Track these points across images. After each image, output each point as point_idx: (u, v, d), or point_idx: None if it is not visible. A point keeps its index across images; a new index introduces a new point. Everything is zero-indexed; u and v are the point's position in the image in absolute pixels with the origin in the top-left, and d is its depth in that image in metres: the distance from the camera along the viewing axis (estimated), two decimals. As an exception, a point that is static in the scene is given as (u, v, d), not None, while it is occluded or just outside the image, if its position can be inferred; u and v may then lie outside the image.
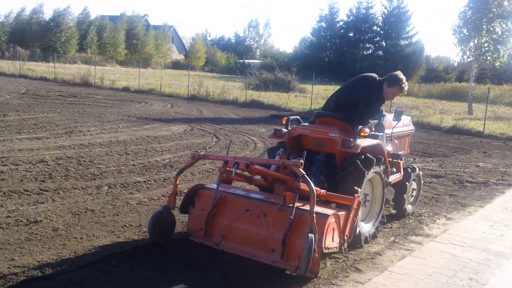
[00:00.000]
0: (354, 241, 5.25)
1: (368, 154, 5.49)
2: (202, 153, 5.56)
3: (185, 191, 7.15)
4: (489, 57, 25.84)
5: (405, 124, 7.18)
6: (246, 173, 5.16)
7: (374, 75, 6.18)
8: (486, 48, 25.41)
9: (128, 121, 14.67)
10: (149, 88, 28.05)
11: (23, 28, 58.20)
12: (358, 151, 5.32)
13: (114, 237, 5.23)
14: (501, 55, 25.81)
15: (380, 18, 65.08)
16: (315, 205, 4.39)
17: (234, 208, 5.07)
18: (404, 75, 6.10)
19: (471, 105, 25.04)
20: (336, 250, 4.74)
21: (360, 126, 5.46)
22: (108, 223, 5.66)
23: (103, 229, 5.46)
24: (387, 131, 6.42)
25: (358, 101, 5.78)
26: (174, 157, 9.79)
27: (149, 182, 7.66)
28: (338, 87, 6.78)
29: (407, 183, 6.69)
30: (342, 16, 67.96)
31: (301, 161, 4.60)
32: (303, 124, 6.07)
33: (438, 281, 4.66)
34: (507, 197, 8.44)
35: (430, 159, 11.75)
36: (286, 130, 5.92)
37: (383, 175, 5.84)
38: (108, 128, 12.97)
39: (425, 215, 6.96)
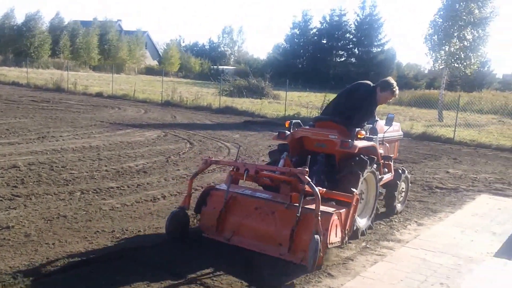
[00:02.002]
0: (353, 235, 5.72)
1: (363, 155, 6.00)
2: (213, 158, 5.93)
3: (159, 196, 7.23)
4: (460, 65, 26.16)
5: (395, 130, 7.70)
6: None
7: (368, 82, 6.78)
8: (457, 56, 25.77)
9: (101, 127, 14.50)
10: (123, 93, 27.75)
11: (-6, 32, 56.94)
12: (356, 151, 5.85)
13: (87, 243, 5.17)
14: (472, 62, 26.07)
15: (353, 25, 65.99)
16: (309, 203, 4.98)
17: (243, 207, 5.50)
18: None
19: (441, 112, 25.28)
20: (338, 244, 5.19)
21: (357, 129, 6.02)
22: (81, 229, 5.59)
23: (75, 235, 5.39)
24: (379, 135, 6.90)
25: (355, 106, 6.36)
26: (147, 162, 9.71)
27: (122, 188, 7.59)
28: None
29: (398, 182, 7.23)
30: (316, 23, 68.72)
31: (306, 169, 5.00)
32: (304, 127, 6.57)
33: (409, 286, 4.71)
34: (477, 203, 8.52)
35: (400, 166, 11.88)
36: (289, 133, 6.41)
37: (377, 174, 6.33)
38: (81, 134, 12.81)
39: (396, 220, 7.03)
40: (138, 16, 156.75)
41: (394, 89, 6.53)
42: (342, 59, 67.84)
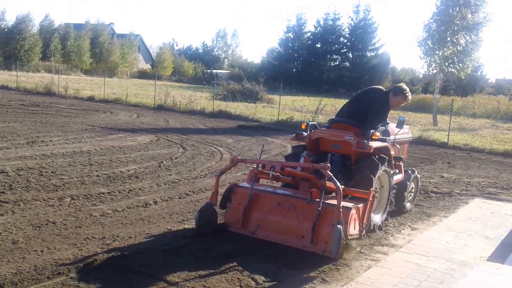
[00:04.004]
0: (368, 229, 6.14)
1: (377, 155, 6.41)
2: (240, 157, 6.35)
3: (151, 202, 7.16)
4: (453, 69, 26.38)
5: (405, 132, 8.04)
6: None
7: (380, 87, 7.33)
8: (451, 60, 25.95)
9: (93, 131, 14.37)
10: (115, 97, 27.58)
11: (-16, 35, 56.20)
12: (371, 151, 6.26)
13: (76, 250, 5.08)
14: (466, 66, 26.39)
15: (347, 29, 66.04)
16: (328, 198, 5.54)
17: (267, 203, 5.91)
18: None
19: (435, 117, 25.50)
20: (357, 237, 5.63)
21: (372, 130, 6.43)
22: (70, 236, 5.51)
23: (64, 241, 5.31)
24: (391, 137, 7.24)
25: (368, 109, 6.76)
26: (139, 167, 9.62)
27: (113, 193, 7.50)
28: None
29: (407, 183, 7.61)
30: (310, 27, 68.72)
31: (328, 164, 5.40)
32: (320, 128, 6.97)
33: (403, 291, 4.69)
34: (470, 207, 8.56)
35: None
36: (306, 134, 6.80)
37: (389, 173, 6.74)
38: (71, 138, 12.66)
39: (390, 225, 7.01)
40: (131, 19, 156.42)
41: (407, 94, 6.92)
42: (336, 63, 67.93)
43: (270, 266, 5.05)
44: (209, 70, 69.54)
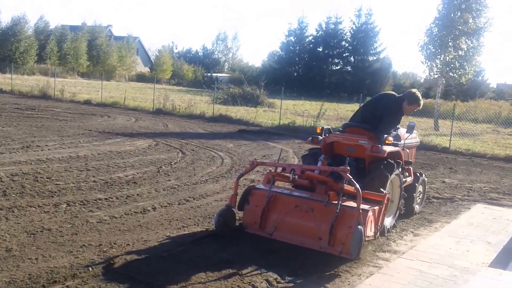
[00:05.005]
0: (381, 232, 6.25)
1: (390, 159, 6.62)
2: (259, 160, 6.66)
3: (149, 208, 7.07)
4: (455, 74, 26.42)
5: (413, 137, 8.18)
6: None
7: (393, 92, 7.59)
8: (452, 65, 25.98)
9: (90, 136, 14.20)
10: (113, 101, 27.36)
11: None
12: (385, 155, 6.49)
13: (72, 257, 5.00)
14: (467, 71, 26.45)
15: (348, 33, 66.02)
16: (345, 201, 5.73)
17: (284, 205, 6.06)
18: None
19: (437, 121, 25.50)
20: (372, 238, 5.80)
21: (385, 135, 6.64)
22: (66, 243, 5.42)
23: (60, 249, 5.22)
24: (401, 141, 7.43)
25: (382, 115, 6.97)
26: (138, 173, 9.52)
27: (110, 199, 7.40)
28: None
29: (416, 185, 7.83)
30: (311, 31, 68.56)
31: (348, 167, 5.61)
32: (335, 133, 7.23)
33: (405, 299, 4.63)
34: (472, 213, 8.54)
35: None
36: (321, 138, 7.00)
37: (401, 177, 7.00)
38: (67, 143, 12.47)
39: (392, 231, 6.95)
40: (129, 21, 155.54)
41: (420, 101, 7.27)
42: (338, 67, 67.85)
43: (272, 274, 4.98)
44: (209, 74, 69.35)
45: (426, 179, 8.51)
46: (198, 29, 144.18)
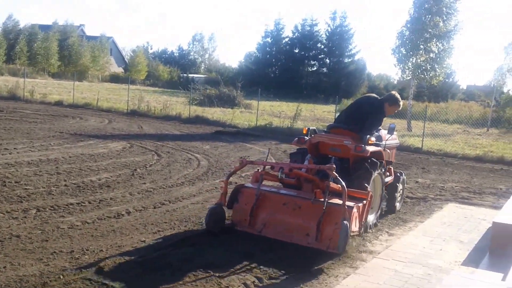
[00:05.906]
0: (365, 228, 6.55)
1: (373, 158, 6.87)
2: (249, 159, 6.82)
3: (123, 212, 6.96)
4: (426, 76, 26.98)
5: (394, 138, 8.45)
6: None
7: (375, 95, 8.01)
8: (424, 67, 26.51)
9: (61, 138, 13.89)
10: (85, 102, 26.80)
11: None
12: (368, 155, 6.74)
13: (43, 265, 4.87)
14: (438, 73, 27.08)
15: (324, 35, 66.65)
16: (331, 198, 5.94)
17: (273, 203, 6.29)
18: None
19: (410, 122, 25.92)
20: (357, 234, 6.13)
21: (368, 136, 6.91)
22: (36, 250, 5.27)
23: (29, 256, 5.07)
24: (382, 142, 7.62)
25: (365, 116, 7.30)
26: (111, 176, 9.36)
27: (82, 204, 7.24)
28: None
29: (397, 184, 8.17)
30: (288, 33, 68.87)
31: (334, 165, 5.87)
32: (320, 133, 7.51)
33: (381, 299, 4.67)
34: (445, 212, 8.71)
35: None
36: (307, 138, 7.24)
37: (383, 176, 7.32)
38: (37, 146, 12.16)
39: (368, 231, 6.99)
40: (103, 21, 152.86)
41: (400, 103, 7.68)
42: (314, 69, 68.35)
43: (250, 277, 4.96)
44: (185, 74, 68.80)
45: (405, 178, 8.81)
46: (174, 30, 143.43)
